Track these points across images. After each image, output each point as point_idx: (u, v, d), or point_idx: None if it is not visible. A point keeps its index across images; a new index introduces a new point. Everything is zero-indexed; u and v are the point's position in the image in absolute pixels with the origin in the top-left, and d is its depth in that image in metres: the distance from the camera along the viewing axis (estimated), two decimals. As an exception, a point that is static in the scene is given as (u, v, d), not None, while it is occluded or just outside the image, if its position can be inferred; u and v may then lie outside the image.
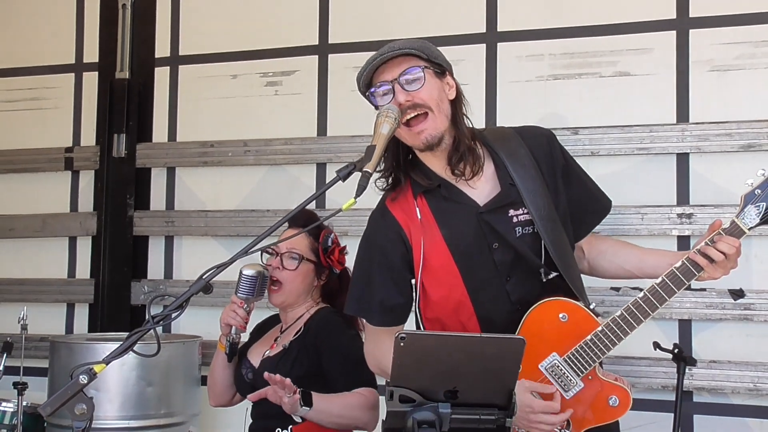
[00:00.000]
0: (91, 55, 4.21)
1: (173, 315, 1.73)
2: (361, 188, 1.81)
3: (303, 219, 2.50)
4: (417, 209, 2.11)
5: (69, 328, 4.16)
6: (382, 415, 1.68)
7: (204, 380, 3.68)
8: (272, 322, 2.62)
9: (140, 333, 1.70)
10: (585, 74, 3.50)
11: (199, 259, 3.87)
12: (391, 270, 2.12)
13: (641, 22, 3.41)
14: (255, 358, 2.48)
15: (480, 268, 2.09)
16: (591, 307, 2.12)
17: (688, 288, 2.13)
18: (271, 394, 2.23)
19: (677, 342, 3.01)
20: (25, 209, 4.24)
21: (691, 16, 3.34)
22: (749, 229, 2.06)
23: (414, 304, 2.13)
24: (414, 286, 2.11)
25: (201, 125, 4.02)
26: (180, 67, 4.07)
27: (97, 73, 4.19)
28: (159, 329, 1.76)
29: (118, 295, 4.02)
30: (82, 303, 4.14)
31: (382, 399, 1.74)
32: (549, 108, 3.53)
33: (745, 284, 3.08)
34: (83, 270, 4.16)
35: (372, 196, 2.06)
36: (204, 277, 1.77)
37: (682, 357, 2.60)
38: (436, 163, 2.13)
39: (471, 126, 2.18)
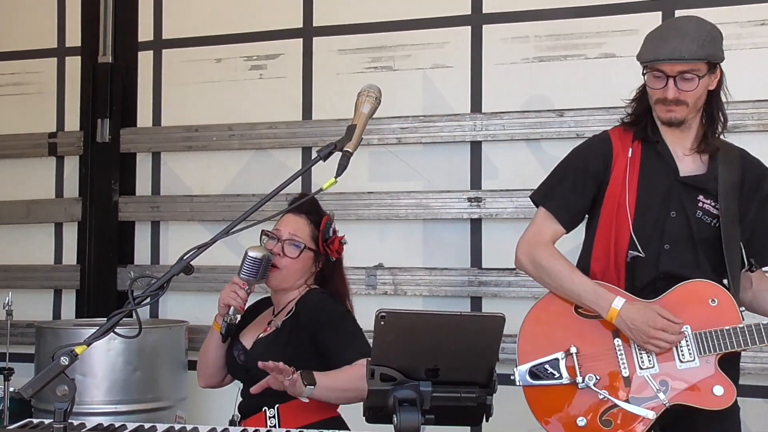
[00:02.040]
0: (74, 39, 4.18)
1: (154, 296, 1.72)
2: (341, 168, 1.80)
3: (307, 206, 2.50)
4: (631, 148, 2.34)
5: (56, 314, 4.15)
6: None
7: (191, 365, 3.69)
8: (263, 305, 2.62)
9: (121, 314, 1.70)
10: (570, 56, 3.50)
11: (186, 244, 3.76)
12: (584, 174, 2.37)
13: (626, 3, 3.41)
14: (248, 340, 2.47)
15: (649, 226, 2.29)
16: (741, 309, 2.25)
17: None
18: (273, 382, 2.23)
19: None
20: (10, 195, 4.22)
21: (676, -4, 3.34)
22: None
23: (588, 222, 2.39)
24: (594, 205, 2.35)
25: (185, 109, 4.00)
26: (163, 51, 4.05)
27: (79, 57, 4.17)
28: (144, 312, 1.76)
29: (104, 281, 4.01)
30: (69, 289, 4.13)
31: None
32: (535, 90, 3.53)
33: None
34: (69, 256, 4.15)
35: (353, 177, 2.05)
36: (185, 257, 1.76)
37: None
38: (668, 131, 2.34)
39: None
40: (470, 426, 1.67)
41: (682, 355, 2.20)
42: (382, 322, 1.57)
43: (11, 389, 3.22)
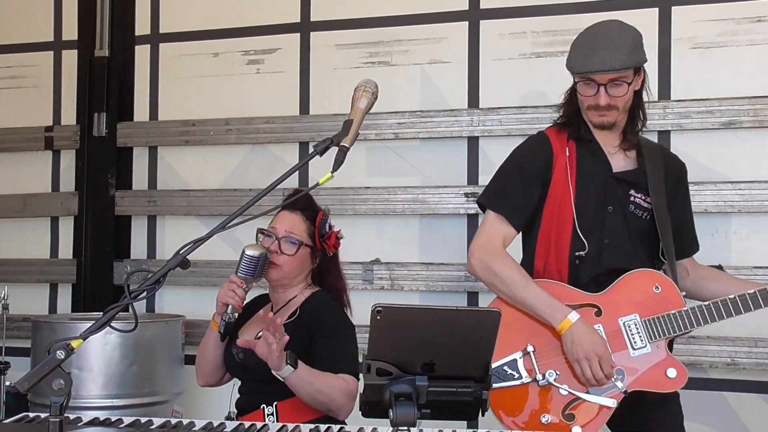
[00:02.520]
0: (70, 32, 4.17)
1: (150, 290, 1.72)
2: (338, 163, 1.80)
3: (302, 202, 2.50)
4: (567, 148, 2.44)
5: (52, 308, 4.15)
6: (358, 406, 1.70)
7: (187, 359, 3.69)
8: (261, 302, 2.61)
9: (117, 308, 1.69)
10: (567, 52, 3.48)
11: (182, 239, 3.79)
12: (529, 175, 2.44)
13: (623, 0, 3.40)
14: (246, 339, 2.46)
15: (590, 223, 2.38)
16: (683, 294, 2.35)
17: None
18: (260, 345, 2.22)
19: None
20: (6, 189, 4.21)
21: (673, -7, 3.34)
22: None
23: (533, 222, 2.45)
24: (540, 202, 2.43)
25: (182, 104, 3.99)
26: (161, 45, 4.04)
27: (76, 51, 4.15)
28: (140, 307, 1.76)
29: (100, 276, 4.01)
30: (65, 283, 4.12)
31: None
32: (531, 86, 3.53)
33: (724, 261, 3.10)
34: (65, 250, 4.15)
35: (350, 172, 2.06)
36: (181, 252, 1.76)
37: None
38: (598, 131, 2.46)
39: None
40: (466, 420, 1.67)
41: (634, 342, 2.29)
42: (378, 317, 1.58)
43: (7, 383, 3.22)
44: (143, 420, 1.91)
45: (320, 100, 3.79)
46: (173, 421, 1.91)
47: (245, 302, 2.47)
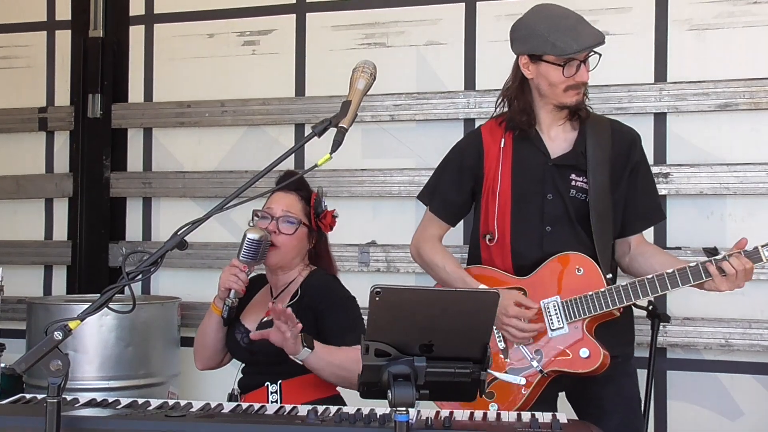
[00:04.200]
0: (64, 12, 4.14)
1: (147, 271, 1.72)
2: (336, 144, 1.80)
3: (295, 183, 2.49)
4: (503, 139, 2.46)
5: (47, 290, 4.14)
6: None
7: (184, 341, 3.70)
8: (258, 282, 2.61)
9: (114, 289, 1.69)
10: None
11: (178, 221, 3.75)
12: (460, 171, 2.51)
13: (621, -18, 3.39)
14: (250, 323, 2.45)
15: (529, 211, 2.40)
16: (608, 277, 2.35)
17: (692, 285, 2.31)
18: (274, 334, 2.22)
19: (652, 299, 3.05)
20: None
21: (670, -26, 3.33)
22: None
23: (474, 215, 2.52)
24: (476, 197, 2.49)
25: (177, 85, 3.97)
26: (155, 25, 4.01)
27: (70, 31, 4.12)
28: (136, 288, 1.75)
29: (95, 257, 4.00)
30: (60, 265, 4.11)
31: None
32: (528, 68, 3.52)
33: (720, 242, 3.10)
34: (60, 232, 4.14)
35: (346, 154, 2.05)
36: (179, 233, 1.76)
37: (657, 314, 2.68)
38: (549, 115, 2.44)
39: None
40: (464, 401, 1.68)
41: (552, 323, 2.32)
42: (377, 298, 1.58)
43: (2, 365, 3.21)
44: (140, 401, 1.92)
45: (316, 81, 3.77)
46: (170, 402, 1.91)
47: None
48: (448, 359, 1.63)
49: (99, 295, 1.70)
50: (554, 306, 2.34)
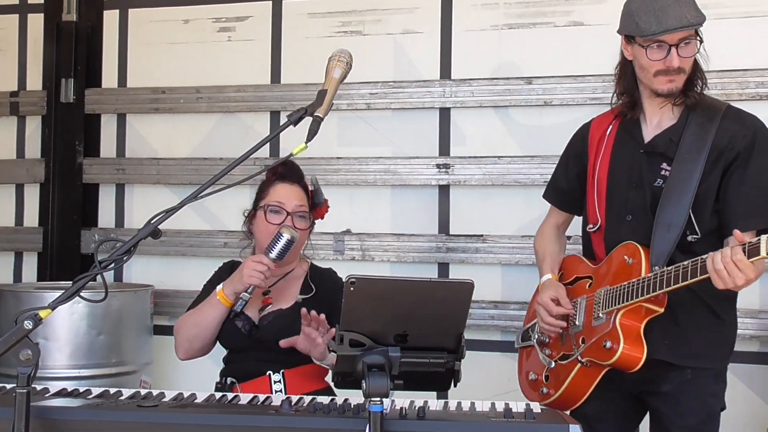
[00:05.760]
0: (36, -5, 4.07)
1: (120, 260, 1.70)
2: (312, 133, 1.79)
3: (298, 174, 2.49)
4: (611, 125, 2.43)
5: (17, 277, 4.09)
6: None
7: (157, 329, 3.68)
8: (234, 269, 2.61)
9: (87, 278, 1.68)
10: (539, 24, 3.49)
11: (151, 208, 3.72)
12: (566, 158, 2.57)
13: (596, -26, 3.40)
14: (250, 310, 2.44)
15: (617, 198, 2.36)
16: (655, 268, 2.16)
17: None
18: (301, 341, 2.22)
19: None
20: (-31, 155, 4.12)
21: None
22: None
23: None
24: (584, 184, 2.47)
25: (152, 71, 3.92)
26: (130, 10, 3.96)
27: (42, 14, 4.05)
28: (108, 276, 1.74)
29: (67, 244, 3.96)
30: (30, 252, 4.06)
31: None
32: (503, 57, 3.53)
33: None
34: (31, 218, 4.08)
35: (322, 142, 2.04)
36: (153, 221, 1.75)
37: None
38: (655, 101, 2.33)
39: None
40: (439, 391, 1.69)
41: (596, 313, 2.29)
42: (352, 288, 1.58)
43: (-28, 353, 3.17)
44: (112, 391, 1.90)
45: (292, 69, 3.75)
46: (143, 392, 1.90)
47: (229, 273, 2.46)
48: (423, 349, 1.64)
49: (71, 283, 1.68)
50: (600, 296, 2.28)
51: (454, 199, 3.57)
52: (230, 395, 1.93)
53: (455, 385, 1.70)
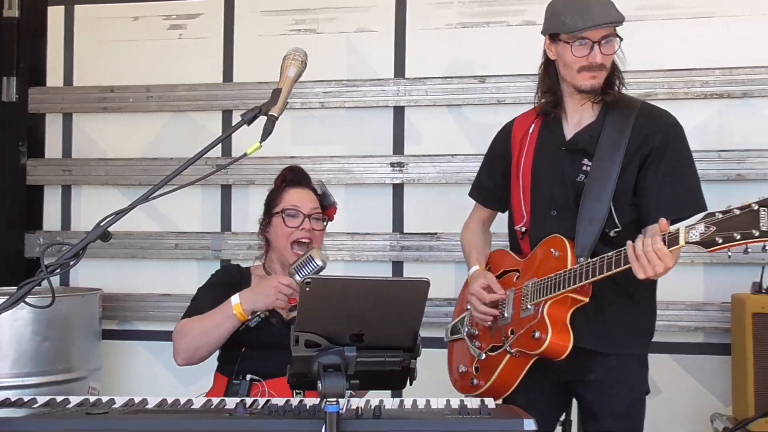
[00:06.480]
0: (-25, -9, 3.95)
1: (67, 264, 1.65)
2: (266, 132, 1.77)
3: (307, 179, 2.56)
4: (533, 125, 2.49)
5: (-41, 282, 3.97)
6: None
7: (105, 334, 3.59)
8: (245, 274, 2.58)
9: (32, 283, 1.63)
10: (493, 23, 3.52)
11: (100, 210, 3.57)
12: (490, 159, 2.63)
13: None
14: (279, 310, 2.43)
15: (542, 195, 2.42)
16: (580, 260, 2.23)
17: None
18: None
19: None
20: None
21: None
22: (687, 243, 2.01)
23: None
24: (508, 182, 2.52)
25: (100, 69, 3.84)
26: (76, 6, 3.87)
27: (-18, 10, 3.94)
28: (55, 281, 1.69)
29: (11, 248, 3.85)
30: (-27, 256, 3.94)
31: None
32: (457, 56, 3.55)
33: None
34: (-27, 221, 3.96)
35: (275, 141, 2.02)
36: (102, 224, 1.70)
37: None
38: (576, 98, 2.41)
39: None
40: (395, 389, 1.68)
41: (524, 304, 2.34)
42: (307, 288, 1.56)
43: None
44: (59, 399, 1.84)
45: (244, 67, 3.71)
46: (92, 398, 1.85)
47: (231, 279, 2.51)
48: (379, 348, 1.63)
49: (15, 288, 1.63)
50: (528, 287, 2.35)
51: (407, 198, 3.57)
52: (182, 399, 1.88)
53: (411, 384, 1.70)
